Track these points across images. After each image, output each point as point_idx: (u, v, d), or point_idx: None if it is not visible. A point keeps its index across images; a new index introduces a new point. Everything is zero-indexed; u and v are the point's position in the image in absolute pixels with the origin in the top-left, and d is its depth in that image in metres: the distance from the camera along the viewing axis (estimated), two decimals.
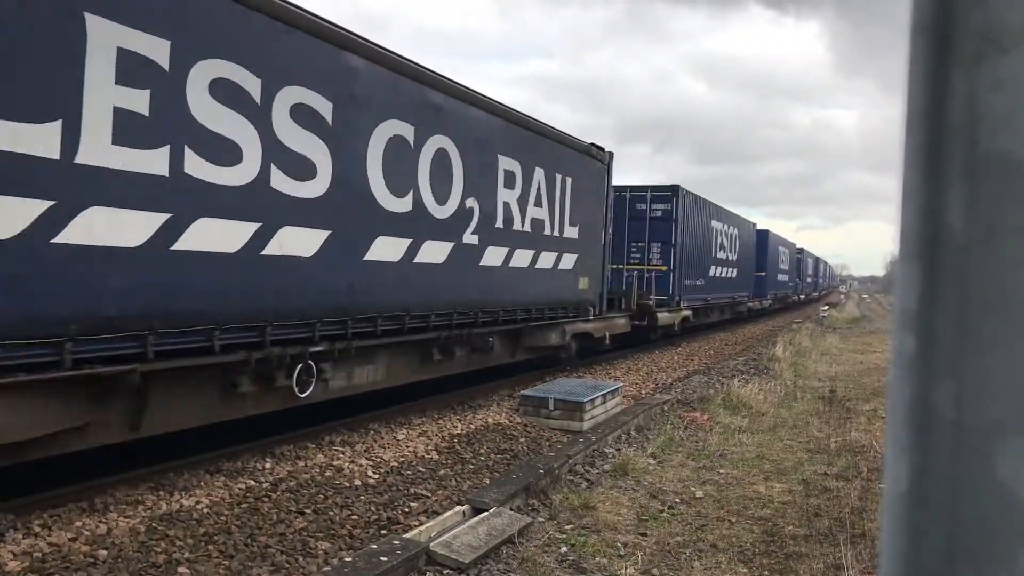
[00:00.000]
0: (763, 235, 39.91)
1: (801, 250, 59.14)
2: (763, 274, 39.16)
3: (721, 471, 9.22)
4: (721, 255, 28.78)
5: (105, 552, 5.64)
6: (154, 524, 6.23)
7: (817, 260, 77.58)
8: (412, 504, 7.46)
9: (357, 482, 7.84)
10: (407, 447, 9.33)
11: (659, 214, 22.95)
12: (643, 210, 22.87)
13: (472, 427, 10.62)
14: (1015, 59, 0.55)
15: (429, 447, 9.40)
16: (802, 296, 60.09)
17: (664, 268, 22.71)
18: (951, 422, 0.56)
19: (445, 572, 5.80)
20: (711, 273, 27.34)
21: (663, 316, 21.76)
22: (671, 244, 22.91)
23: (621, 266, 22.35)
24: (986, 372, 0.55)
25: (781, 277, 46.99)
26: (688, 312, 24.33)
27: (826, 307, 51.06)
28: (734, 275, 31.34)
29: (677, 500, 8.01)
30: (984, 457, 0.56)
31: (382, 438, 9.69)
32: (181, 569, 5.56)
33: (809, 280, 66.39)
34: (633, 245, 22.56)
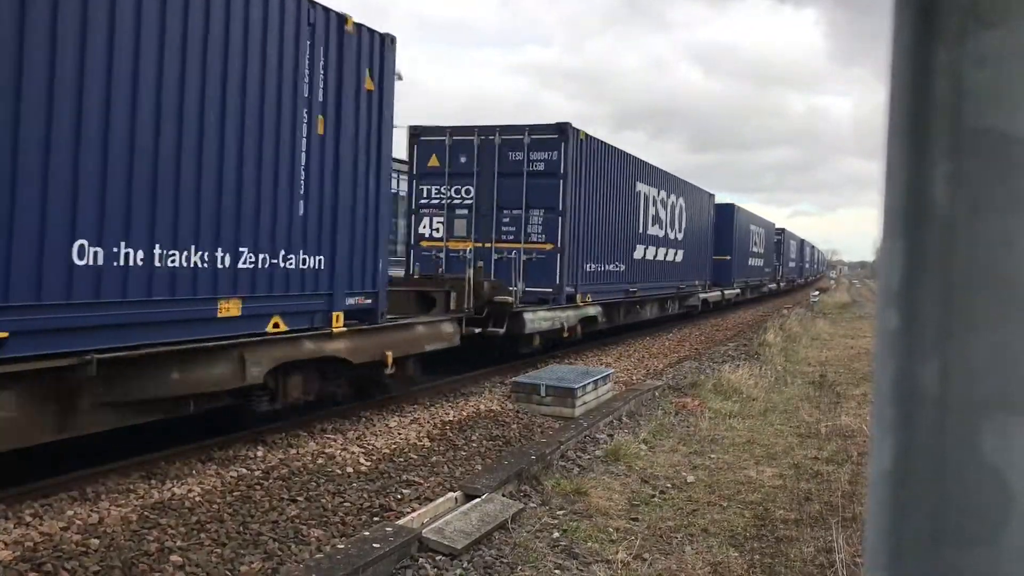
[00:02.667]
0: (780, 232, 52.37)
1: (803, 240, 72.74)
2: (802, 263, 53.51)
3: (712, 456, 9.25)
4: (754, 249, 40.56)
5: (97, 541, 5.64)
6: (146, 513, 6.23)
7: (813, 248, 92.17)
8: (404, 491, 7.47)
9: (349, 469, 7.84)
10: (399, 434, 9.33)
11: (720, 227, 32.18)
12: (718, 223, 31.46)
13: (464, 414, 10.63)
14: (1000, 34, 0.55)
15: (421, 434, 9.41)
16: (803, 279, 72.67)
17: (728, 258, 33.27)
18: (935, 400, 0.56)
19: (438, 558, 5.81)
20: (749, 263, 38.84)
21: (730, 292, 33.66)
22: (731, 249, 33.35)
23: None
24: (970, 349, 0.55)
25: (791, 264, 59.80)
26: (740, 289, 36.20)
27: (816, 292, 51.49)
28: (762, 263, 43.31)
29: (668, 485, 8.04)
30: (968, 435, 0.55)
31: (374, 425, 9.70)
32: (173, 557, 5.56)
33: (807, 266, 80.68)
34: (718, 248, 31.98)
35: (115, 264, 6.46)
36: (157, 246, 6.81)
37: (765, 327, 24.81)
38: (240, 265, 7.70)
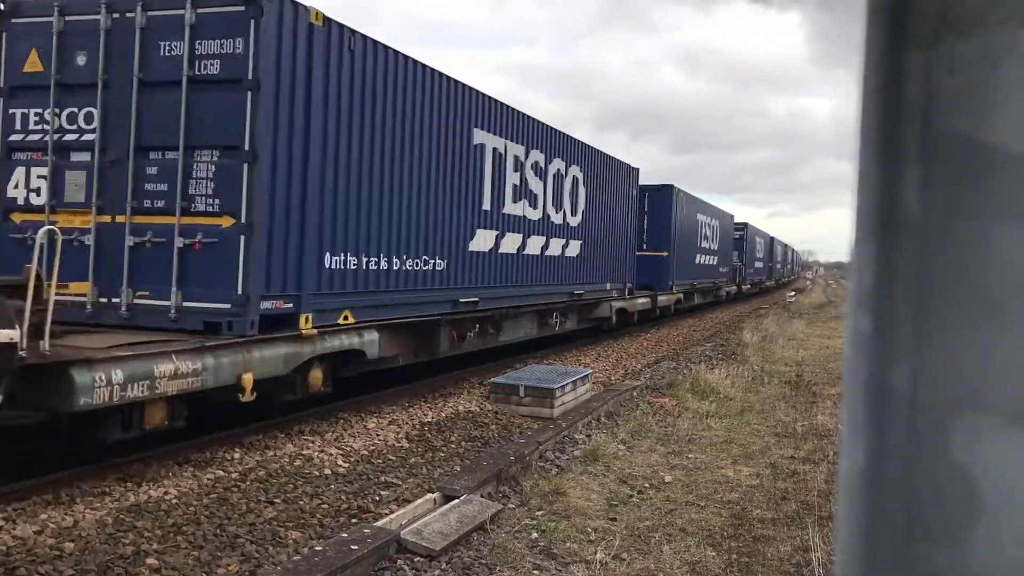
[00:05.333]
0: (772, 240, 65.07)
1: (786, 245, 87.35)
2: (771, 264, 64.89)
3: (690, 456, 9.30)
4: (758, 254, 54.26)
5: (72, 545, 5.58)
6: (122, 515, 6.18)
7: (794, 251, 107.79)
8: (383, 492, 7.46)
9: (327, 471, 7.81)
10: (377, 436, 9.31)
11: (736, 236, 43.53)
12: (735, 235, 43.68)
13: (443, 415, 10.62)
14: (971, 42, 0.56)
15: (400, 435, 9.38)
16: (787, 278, 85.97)
17: (739, 263, 44.17)
18: (907, 401, 0.57)
19: (416, 560, 5.80)
20: (755, 265, 51.72)
21: (746, 287, 47.29)
22: (743, 252, 45.74)
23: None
24: (942, 351, 0.56)
25: (778, 266, 73.26)
26: (749, 285, 49.00)
27: (793, 293, 52.10)
28: (762, 266, 57.07)
29: (646, 485, 8.06)
30: (939, 436, 0.56)
31: (352, 427, 9.66)
32: (149, 560, 5.52)
33: (789, 267, 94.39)
34: (734, 253, 42.93)
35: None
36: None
37: (742, 327, 24.94)
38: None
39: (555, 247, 16.20)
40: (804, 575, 5.84)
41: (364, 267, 10.01)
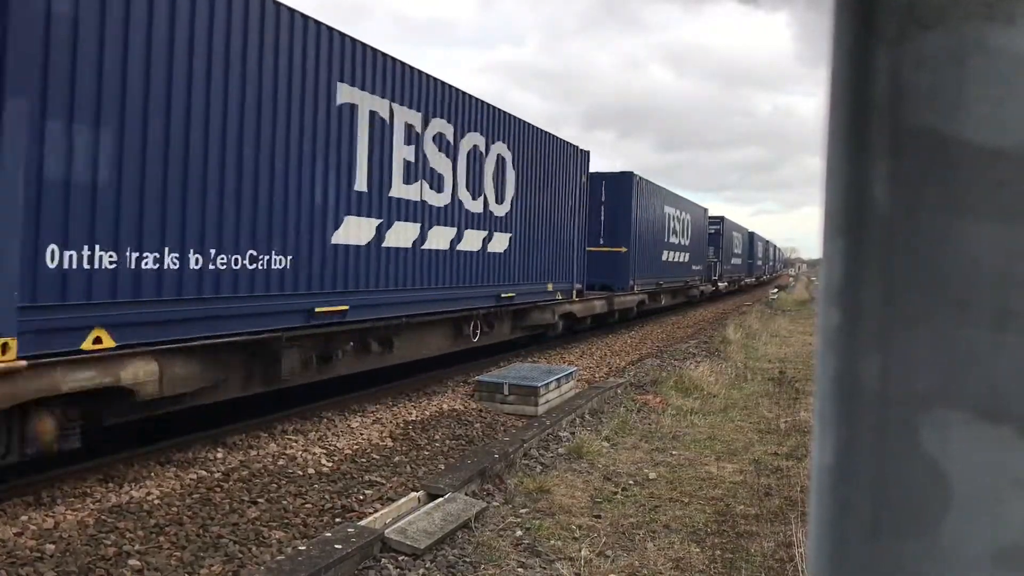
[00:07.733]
0: (768, 243, 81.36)
1: (775, 245, 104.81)
2: (767, 262, 79.50)
3: (674, 453, 9.32)
4: (759, 255, 66.09)
5: (53, 546, 5.54)
6: (103, 517, 6.14)
7: (778, 249, 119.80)
8: (367, 491, 7.44)
9: (311, 470, 7.79)
10: (361, 435, 9.29)
11: (749, 244, 59.55)
12: (749, 242, 60.14)
13: (427, 413, 10.60)
14: (938, 36, 0.56)
15: (383, 434, 9.37)
16: (773, 274, 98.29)
17: (750, 262, 56.57)
18: (876, 395, 0.57)
19: (400, 558, 5.80)
20: (755, 263, 62.23)
21: (750, 280, 59.56)
22: (752, 254, 57.04)
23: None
24: (910, 346, 0.56)
25: (770, 263, 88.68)
26: (754, 279, 59.21)
27: (775, 290, 52.58)
28: (762, 263, 70.09)
29: (631, 482, 8.08)
30: (909, 429, 0.56)
31: (335, 426, 9.64)
32: (132, 561, 5.49)
33: (775, 264, 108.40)
34: (747, 255, 58.24)
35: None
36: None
37: (725, 324, 25.04)
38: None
39: (682, 257, 30.67)
40: (787, 571, 5.87)
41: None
